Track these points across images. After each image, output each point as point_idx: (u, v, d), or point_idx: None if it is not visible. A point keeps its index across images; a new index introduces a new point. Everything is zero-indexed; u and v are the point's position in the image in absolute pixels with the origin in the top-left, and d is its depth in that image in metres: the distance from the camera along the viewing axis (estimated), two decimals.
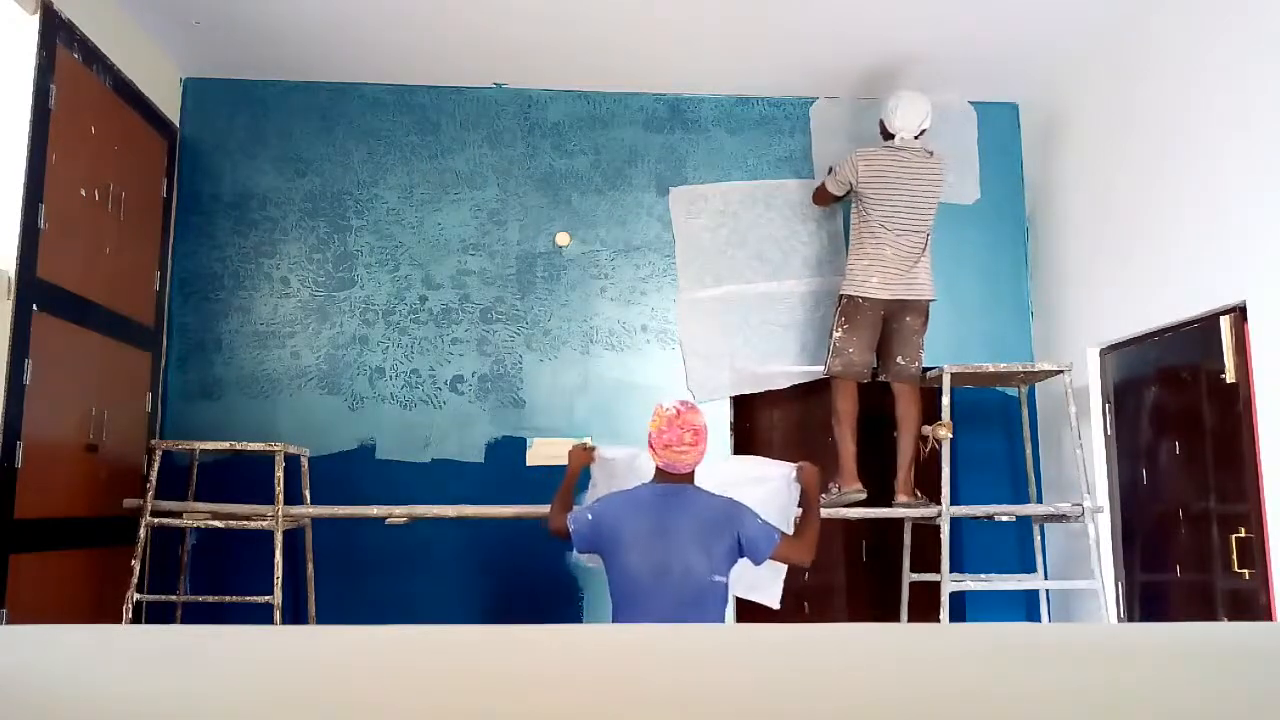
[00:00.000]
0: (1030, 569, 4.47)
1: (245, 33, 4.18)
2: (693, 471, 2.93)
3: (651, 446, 2.91)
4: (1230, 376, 3.41)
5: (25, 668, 0.79)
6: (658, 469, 2.94)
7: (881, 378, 4.20)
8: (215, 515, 3.85)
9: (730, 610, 3.85)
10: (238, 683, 0.73)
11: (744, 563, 2.90)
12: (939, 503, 3.90)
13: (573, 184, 4.68)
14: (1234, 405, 3.39)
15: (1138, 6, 3.91)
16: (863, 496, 4.01)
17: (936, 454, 4.00)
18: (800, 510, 3.22)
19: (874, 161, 4.11)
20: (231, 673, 0.77)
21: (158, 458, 3.82)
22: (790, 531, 3.07)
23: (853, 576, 4.75)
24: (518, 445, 4.46)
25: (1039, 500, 4.50)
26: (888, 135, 4.18)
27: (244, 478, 4.12)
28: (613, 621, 2.91)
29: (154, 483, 3.77)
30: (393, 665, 0.81)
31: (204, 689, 0.70)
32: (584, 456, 3.32)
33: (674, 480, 2.90)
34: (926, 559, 4.17)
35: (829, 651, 0.90)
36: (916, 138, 4.15)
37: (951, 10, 3.98)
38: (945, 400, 3.98)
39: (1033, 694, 0.69)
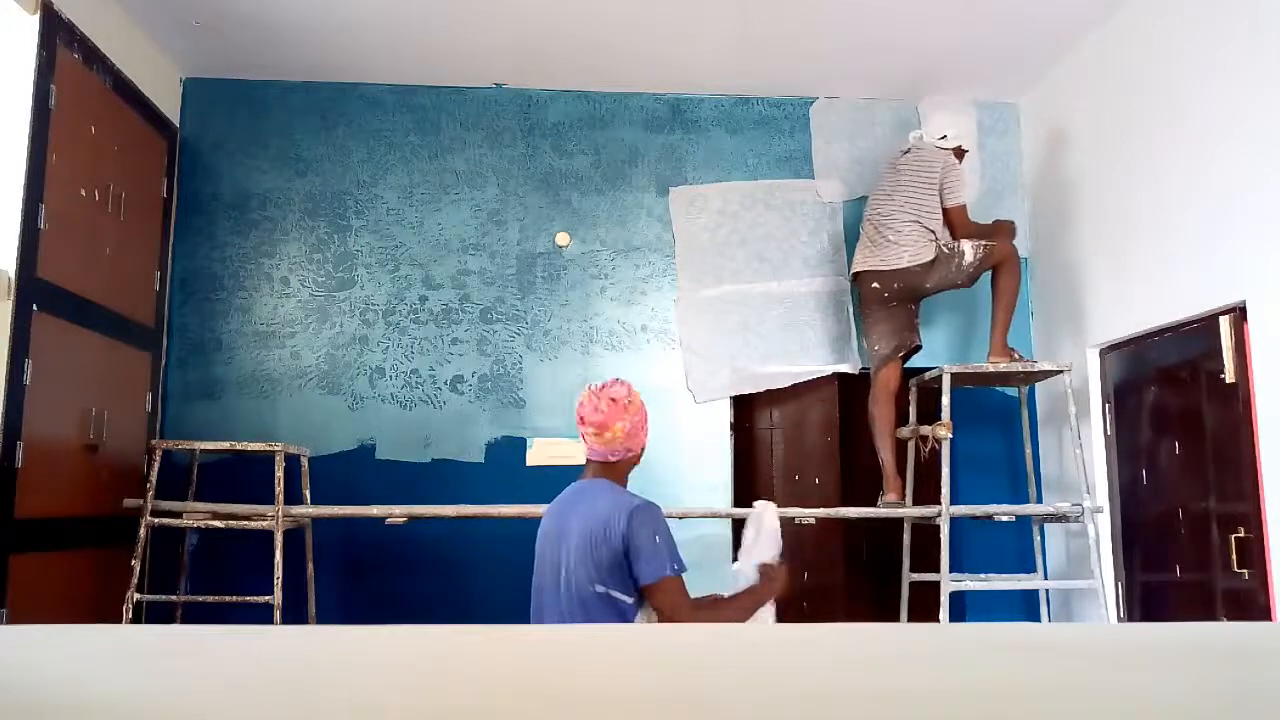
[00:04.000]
0: (1030, 569, 4.47)
1: (245, 33, 4.18)
2: (619, 463, 2.57)
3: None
4: (1230, 376, 3.41)
5: (25, 668, 0.79)
6: (586, 460, 2.65)
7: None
8: (215, 515, 3.85)
9: None
10: (238, 683, 0.73)
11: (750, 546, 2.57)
12: (939, 503, 3.90)
13: (573, 184, 4.68)
14: (1234, 405, 3.39)
15: (1138, 7, 3.91)
16: (903, 509, 4.02)
17: (936, 454, 4.00)
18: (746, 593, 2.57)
19: (880, 175, 4.37)
20: (231, 673, 0.77)
21: (158, 458, 3.83)
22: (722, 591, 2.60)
23: (853, 576, 4.74)
24: (518, 445, 4.46)
25: (1039, 500, 4.50)
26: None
27: (244, 478, 4.12)
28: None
29: (154, 483, 3.77)
30: (393, 665, 0.81)
31: (204, 689, 0.70)
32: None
33: (595, 474, 2.58)
34: (926, 559, 4.17)
35: (829, 651, 0.90)
36: (942, 138, 4.24)
37: (951, 10, 3.98)
38: (945, 400, 3.98)
39: (1033, 694, 0.69)
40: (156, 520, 3.77)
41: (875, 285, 4.11)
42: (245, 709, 0.64)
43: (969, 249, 4.06)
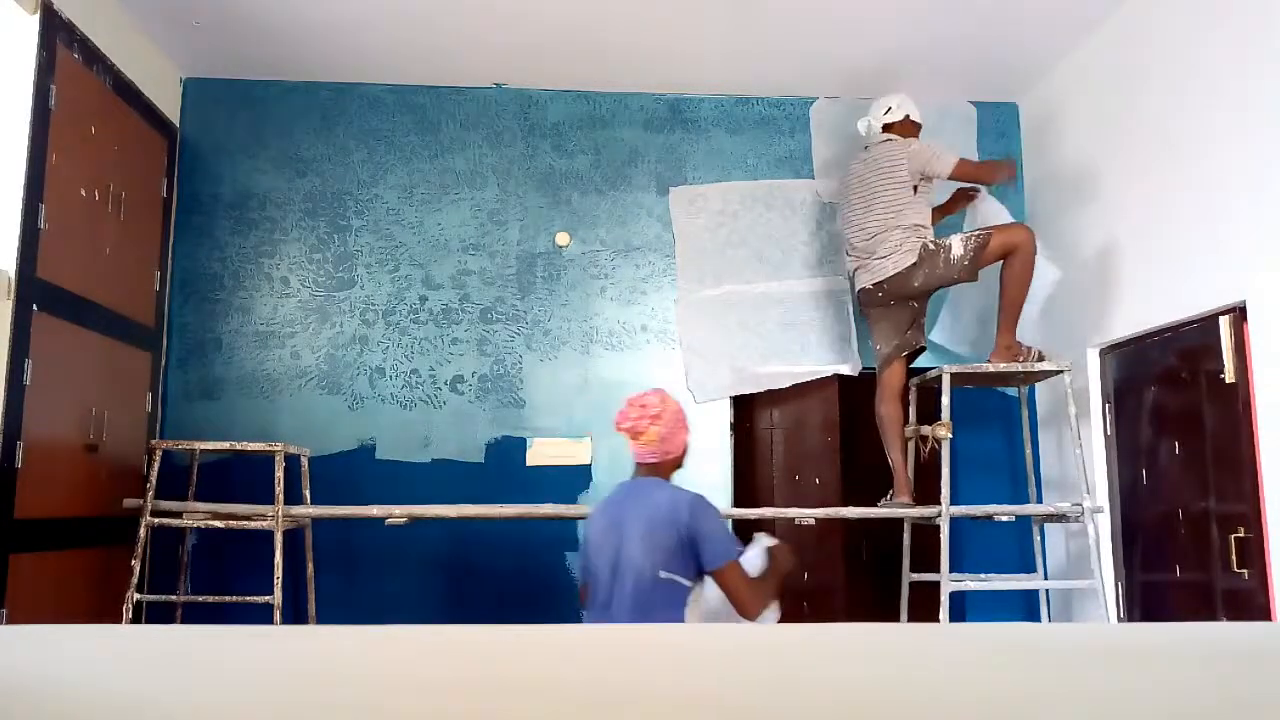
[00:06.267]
0: (1030, 569, 4.48)
1: (245, 33, 4.18)
2: (662, 464, 2.77)
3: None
4: (1230, 376, 3.41)
5: (25, 668, 0.79)
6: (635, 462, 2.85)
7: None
8: (215, 515, 3.85)
9: None
10: (238, 683, 0.73)
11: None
12: (939, 503, 3.90)
13: (573, 184, 4.68)
14: (1233, 405, 3.40)
15: (1137, 7, 3.91)
16: (911, 510, 4.00)
17: (936, 454, 4.00)
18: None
19: (843, 176, 4.35)
20: (231, 673, 0.77)
21: (158, 458, 3.83)
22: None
23: (853, 576, 4.74)
24: (518, 445, 4.46)
25: (1039, 500, 4.50)
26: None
27: (244, 478, 4.12)
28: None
29: (154, 483, 3.77)
30: (393, 665, 0.81)
31: (204, 689, 0.70)
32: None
33: (642, 474, 2.79)
34: (926, 559, 4.17)
35: (829, 651, 0.90)
36: (885, 129, 4.20)
37: (951, 10, 3.98)
38: (945, 400, 3.98)
39: (1033, 694, 0.69)
40: (156, 520, 3.77)
41: (868, 288, 4.11)
42: (245, 709, 0.64)
43: (957, 242, 3.98)
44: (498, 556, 4.33)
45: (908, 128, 4.21)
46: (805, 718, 0.62)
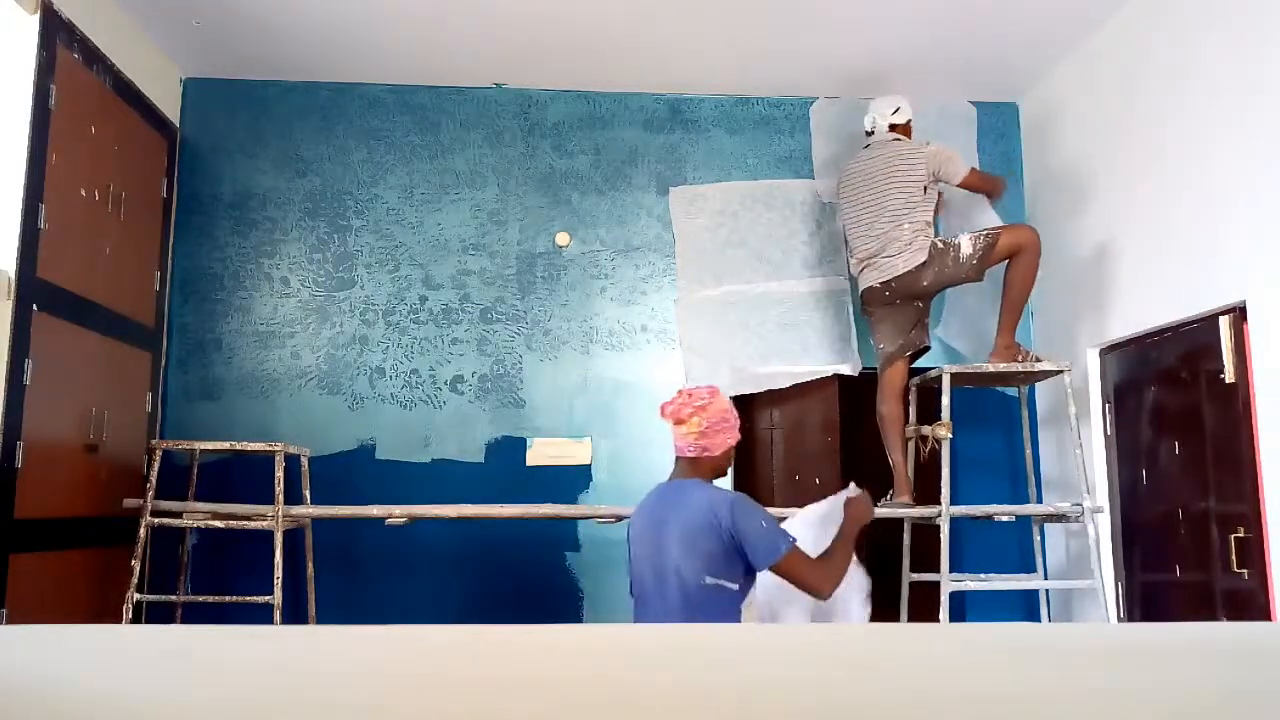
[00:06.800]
0: (1030, 569, 4.48)
1: (245, 33, 4.18)
2: (700, 462, 2.69)
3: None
4: (1230, 377, 3.41)
5: (25, 668, 0.79)
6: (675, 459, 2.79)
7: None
8: (215, 515, 3.85)
9: None
10: (238, 683, 0.73)
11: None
12: (939, 503, 3.90)
13: (573, 184, 4.68)
14: (1233, 405, 3.40)
15: (1137, 7, 3.91)
16: (911, 509, 4.00)
17: (936, 454, 4.00)
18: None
19: (842, 173, 4.33)
20: (231, 673, 0.77)
21: (158, 458, 3.83)
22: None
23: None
24: (518, 445, 4.46)
25: (1039, 500, 4.50)
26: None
27: (244, 478, 4.13)
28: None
29: (154, 483, 3.77)
30: (392, 665, 0.81)
31: (204, 689, 0.70)
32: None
33: (682, 474, 2.71)
34: (926, 559, 4.17)
35: (829, 651, 0.90)
36: (891, 127, 4.20)
37: (951, 10, 3.98)
38: (945, 400, 3.98)
39: (1033, 694, 0.69)
40: (156, 520, 3.77)
41: (875, 286, 4.10)
42: (245, 709, 0.64)
43: (966, 242, 3.99)
44: (498, 556, 4.33)
45: (909, 129, 4.24)
46: (805, 718, 0.62)
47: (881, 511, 4.04)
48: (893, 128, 4.21)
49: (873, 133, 4.25)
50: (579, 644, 0.97)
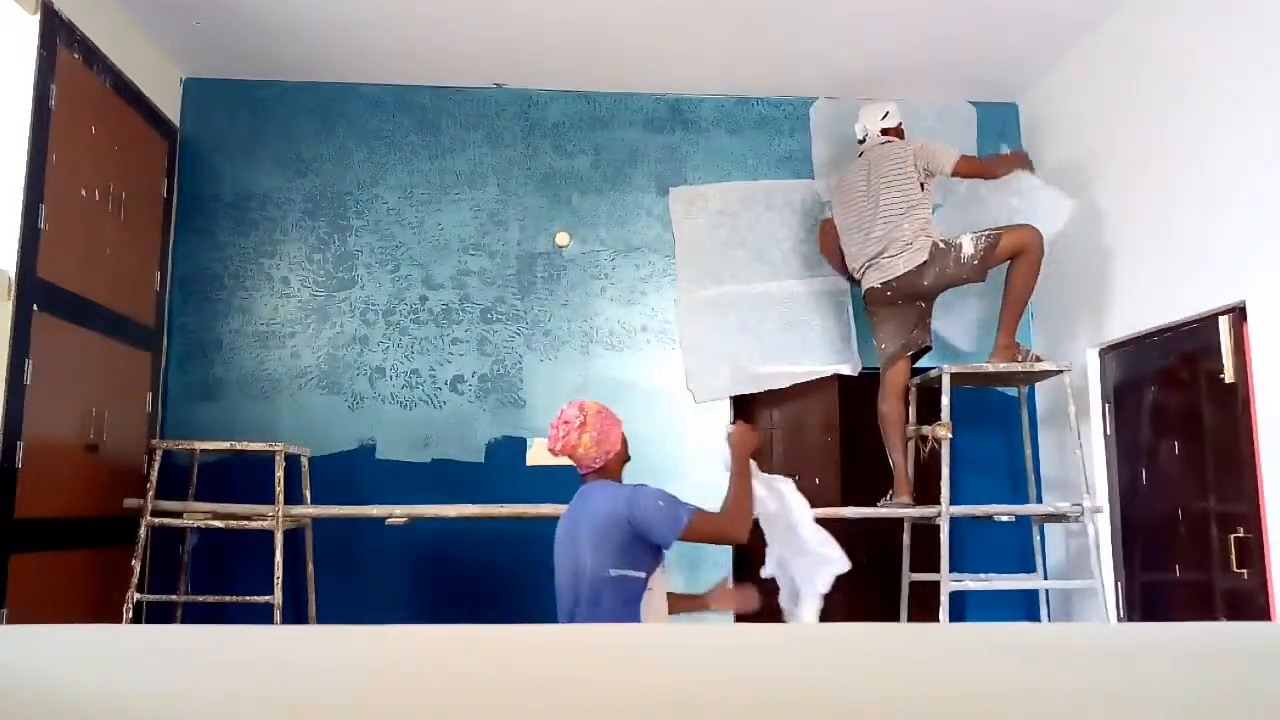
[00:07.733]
0: (1030, 569, 4.47)
1: (245, 33, 4.18)
2: (607, 465, 2.82)
3: None
4: (1229, 376, 3.41)
5: (25, 668, 0.79)
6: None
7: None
8: (215, 515, 3.85)
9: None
10: (238, 683, 0.73)
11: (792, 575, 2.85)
12: (939, 502, 3.90)
13: (573, 184, 4.68)
14: (1233, 405, 3.40)
15: (1137, 7, 3.91)
16: (911, 509, 4.00)
17: (936, 454, 4.00)
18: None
19: (836, 185, 4.38)
20: (231, 673, 0.77)
21: (158, 458, 3.83)
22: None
23: (852, 576, 4.73)
24: (518, 445, 4.46)
25: (1039, 500, 4.50)
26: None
27: (244, 478, 4.12)
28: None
29: (154, 483, 3.77)
30: (392, 665, 0.81)
31: (204, 689, 0.70)
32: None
33: (591, 480, 2.84)
34: (926, 559, 4.17)
35: (829, 651, 0.90)
36: (883, 132, 4.22)
37: (951, 10, 3.98)
38: (945, 400, 3.98)
39: (1033, 694, 0.69)
40: (156, 520, 3.77)
41: (876, 287, 4.10)
42: (245, 709, 0.64)
43: (968, 242, 3.98)
44: (498, 556, 4.33)
45: (901, 132, 4.27)
46: (804, 718, 0.62)
47: (882, 511, 4.05)
48: (884, 132, 4.23)
49: (864, 140, 4.27)
50: (579, 644, 0.97)
